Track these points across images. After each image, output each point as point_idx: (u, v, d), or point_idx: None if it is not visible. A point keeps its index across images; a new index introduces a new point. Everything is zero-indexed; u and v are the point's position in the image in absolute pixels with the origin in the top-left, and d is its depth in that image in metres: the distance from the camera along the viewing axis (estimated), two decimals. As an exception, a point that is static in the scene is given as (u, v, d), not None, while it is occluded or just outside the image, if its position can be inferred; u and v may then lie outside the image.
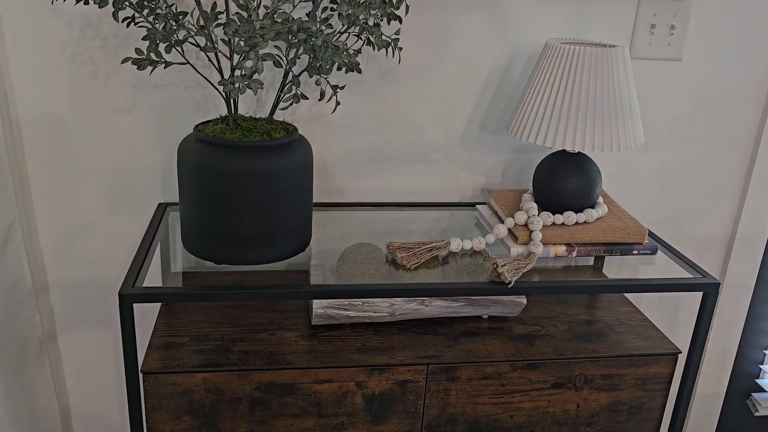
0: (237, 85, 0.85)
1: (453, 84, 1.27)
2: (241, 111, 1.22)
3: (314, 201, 1.29)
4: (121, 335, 0.93)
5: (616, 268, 1.38)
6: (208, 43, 0.87)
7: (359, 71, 1.06)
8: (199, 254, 1.02)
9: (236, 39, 0.83)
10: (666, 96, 1.34)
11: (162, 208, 1.22)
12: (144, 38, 0.87)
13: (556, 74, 1.06)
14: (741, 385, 1.65)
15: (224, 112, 1.21)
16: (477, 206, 1.27)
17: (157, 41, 0.87)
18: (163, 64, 0.91)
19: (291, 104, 0.96)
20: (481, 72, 1.27)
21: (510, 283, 0.99)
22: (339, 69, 1.04)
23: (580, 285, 1.05)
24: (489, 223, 1.21)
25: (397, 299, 1.09)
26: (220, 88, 0.86)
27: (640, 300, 1.43)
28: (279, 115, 1.23)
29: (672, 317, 1.53)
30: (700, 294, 1.26)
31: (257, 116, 1.12)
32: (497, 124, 1.31)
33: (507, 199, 1.22)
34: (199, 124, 1.03)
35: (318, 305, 1.09)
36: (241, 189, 0.96)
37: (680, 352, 1.12)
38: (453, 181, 1.34)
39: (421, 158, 1.31)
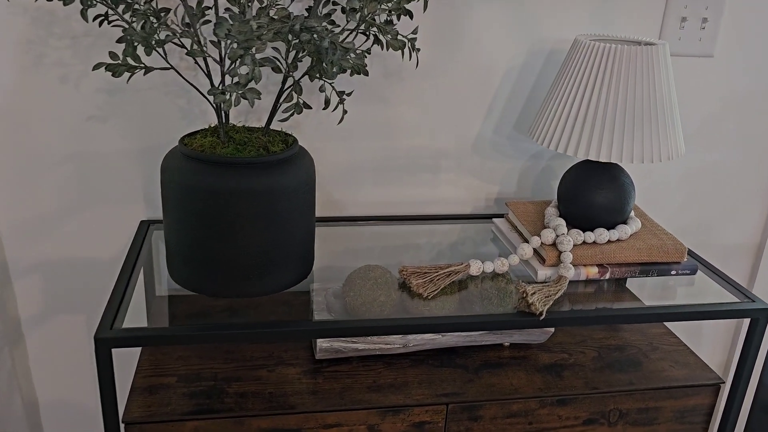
0: (230, 95, 0.72)
1: (465, 84, 1.15)
2: (232, 119, 1.09)
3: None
4: (98, 384, 0.80)
5: (637, 286, 1.27)
6: (195, 46, 0.74)
7: (366, 74, 0.93)
8: (187, 285, 0.90)
9: (228, 41, 0.70)
10: (695, 95, 1.23)
11: (144, 227, 1.09)
12: (119, 40, 0.74)
13: (588, 75, 0.95)
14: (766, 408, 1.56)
15: (212, 118, 1.08)
16: (494, 219, 1.16)
17: (135, 44, 0.74)
18: (143, 70, 0.78)
19: (292, 114, 0.83)
20: (496, 71, 1.15)
21: (542, 314, 0.88)
22: (343, 72, 0.92)
23: (619, 315, 0.94)
24: (508, 239, 1.09)
25: (417, 317, 0.97)
26: (210, 98, 0.73)
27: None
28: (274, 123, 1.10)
29: (696, 332, 1.43)
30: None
31: (251, 125, 1.00)
32: (513, 128, 1.19)
33: (528, 212, 1.10)
34: (185, 136, 0.90)
35: (323, 338, 0.97)
36: (235, 212, 0.83)
37: (723, 382, 1.02)
38: (465, 190, 1.22)
39: (431, 166, 1.19)
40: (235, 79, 0.71)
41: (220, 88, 0.73)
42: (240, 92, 0.73)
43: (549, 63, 1.16)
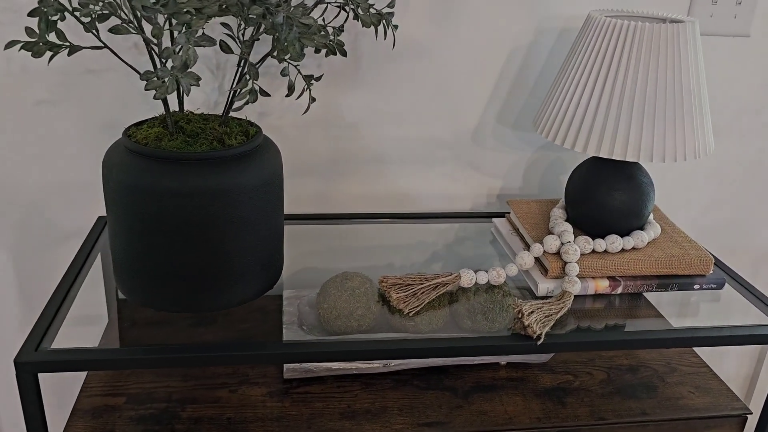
0: (164, 80, 0.60)
1: (464, 66, 1.01)
2: (192, 104, 0.96)
3: (291, 212, 1.05)
4: (23, 413, 0.70)
5: (653, 299, 1.13)
6: (124, 23, 0.62)
7: (344, 54, 0.81)
8: (134, 297, 0.79)
9: (158, 15, 0.57)
10: (728, 81, 1.09)
11: (101, 225, 0.98)
12: (31, 13, 0.62)
13: (602, 58, 0.81)
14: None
15: (192, 100, 0.96)
16: (493, 220, 1.03)
17: (51, 17, 0.62)
18: (66, 49, 0.66)
19: (246, 103, 0.71)
20: (499, 51, 1.01)
21: (540, 338, 0.75)
22: (317, 52, 0.79)
23: (630, 339, 0.81)
24: (508, 243, 0.96)
25: (397, 338, 0.85)
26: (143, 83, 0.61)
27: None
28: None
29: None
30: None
31: (214, 112, 0.88)
32: (518, 116, 1.06)
33: (531, 213, 0.97)
34: (131, 126, 0.79)
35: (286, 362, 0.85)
36: (182, 216, 0.71)
37: (750, 413, 0.89)
38: (463, 185, 1.09)
39: (424, 158, 1.06)
40: (167, 62, 0.59)
41: (153, 73, 0.61)
42: (179, 76, 0.61)
43: (560, 42, 1.02)
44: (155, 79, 0.60)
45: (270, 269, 0.81)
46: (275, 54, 0.70)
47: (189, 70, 0.60)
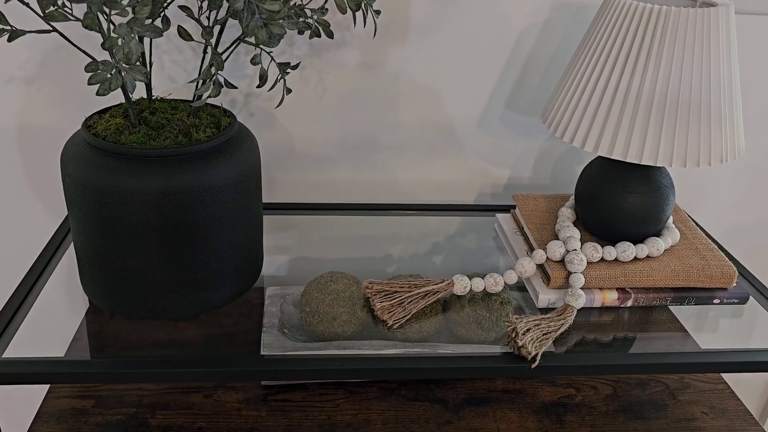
0: (109, 74, 0.53)
1: (471, 46, 0.92)
2: (173, 83, 0.89)
3: (274, 201, 0.98)
4: (-27, 425, 0.66)
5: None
6: (59, 9, 0.54)
7: (330, 35, 0.72)
8: (97, 301, 0.73)
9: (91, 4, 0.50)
10: (763, 66, 0.97)
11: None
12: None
13: (621, 45, 0.71)
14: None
15: (164, 85, 0.89)
16: (497, 215, 0.95)
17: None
18: (7, 34, 0.59)
19: (209, 96, 0.63)
20: (510, 30, 0.91)
21: (534, 360, 0.68)
22: (301, 33, 0.71)
23: (636, 364, 0.72)
24: (510, 244, 0.89)
25: (380, 349, 0.79)
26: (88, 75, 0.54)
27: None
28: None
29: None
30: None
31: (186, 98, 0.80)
32: (530, 101, 0.96)
33: (538, 211, 0.89)
34: (93, 114, 0.72)
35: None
36: (144, 219, 0.65)
37: (769, 440, 0.81)
38: (467, 174, 1.01)
39: (425, 145, 0.98)
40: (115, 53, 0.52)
41: (99, 65, 0.54)
42: (126, 69, 0.53)
43: (578, 20, 0.92)
44: (99, 71, 0.53)
45: (245, 272, 0.75)
46: (245, 38, 0.62)
47: (135, 63, 0.52)
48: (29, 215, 0.97)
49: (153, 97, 0.72)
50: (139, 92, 0.74)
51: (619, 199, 0.78)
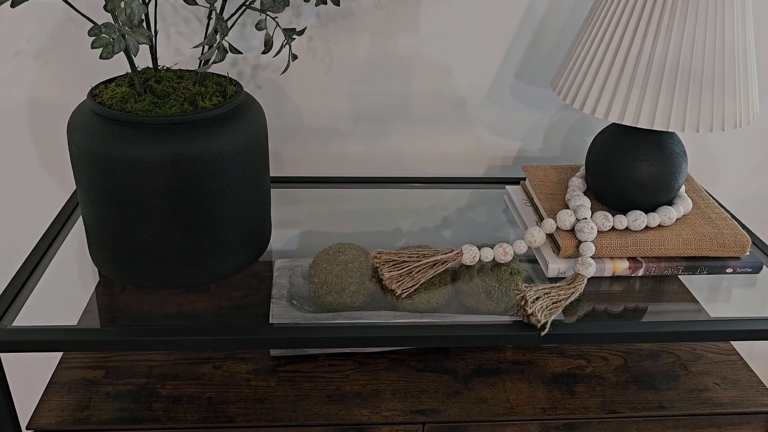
0: (111, 37, 0.52)
1: (479, 13, 0.90)
2: (180, 56, 0.89)
3: (283, 175, 0.98)
4: (-14, 393, 0.66)
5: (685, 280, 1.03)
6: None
7: (336, 3, 0.71)
8: (106, 271, 0.74)
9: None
10: (783, 32, 0.95)
11: (86, 185, 0.92)
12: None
13: (632, 10, 0.70)
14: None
15: (170, 56, 0.88)
16: (506, 187, 0.94)
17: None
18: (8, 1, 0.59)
19: (213, 62, 0.63)
20: (520, 0, 0.90)
21: (544, 328, 0.68)
22: (307, 1, 0.70)
23: (648, 332, 0.72)
24: (520, 215, 0.88)
25: (389, 320, 0.78)
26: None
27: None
28: (233, 58, 0.90)
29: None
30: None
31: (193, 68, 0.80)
32: (540, 71, 0.95)
33: (548, 181, 0.88)
34: (99, 84, 0.72)
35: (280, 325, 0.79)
36: (150, 187, 0.65)
37: (782, 410, 0.80)
38: (476, 146, 1.00)
39: (433, 116, 0.97)
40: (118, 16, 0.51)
41: (100, 28, 0.53)
42: (128, 33, 0.53)
43: (590, -12, 0.90)
44: (101, 34, 0.53)
45: (253, 241, 0.75)
46: (250, 4, 0.61)
47: (139, 26, 0.52)
48: (38, 189, 0.97)
49: (159, 67, 0.72)
50: (145, 62, 0.73)
51: (630, 167, 0.77)
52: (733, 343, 0.90)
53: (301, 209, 0.95)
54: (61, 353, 0.82)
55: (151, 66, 0.72)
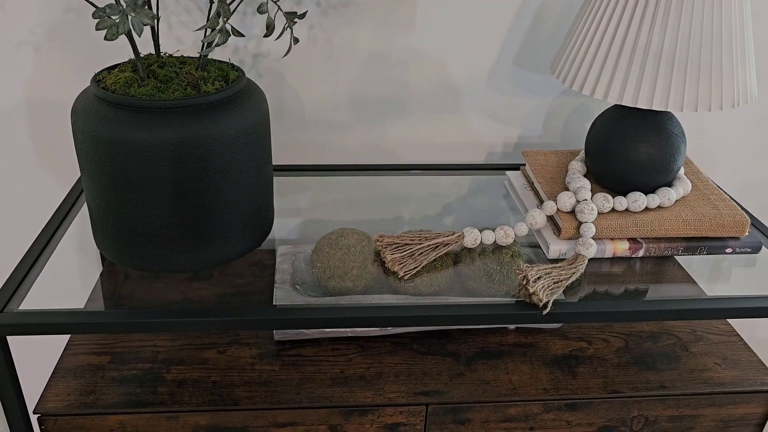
0: (116, 18, 0.53)
1: (478, 2, 0.91)
2: (181, 44, 0.89)
3: (284, 163, 0.98)
4: (-6, 376, 0.67)
5: (685, 260, 1.03)
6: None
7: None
8: (111, 256, 0.74)
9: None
10: (780, 16, 0.96)
11: (89, 174, 0.93)
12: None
13: (629, -9, 0.71)
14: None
15: (172, 44, 0.89)
16: (507, 172, 0.94)
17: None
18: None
19: (216, 45, 0.63)
20: (518, -16, 0.91)
21: (546, 307, 0.68)
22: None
23: (656, 310, 0.73)
24: (521, 199, 0.89)
25: (390, 304, 0.79)
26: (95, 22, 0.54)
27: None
28: (233, 47, 0.90)
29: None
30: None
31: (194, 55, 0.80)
32: (538, 58, 0.96)
33: (549, 165, 0.89)
34: (102, 70, 0.72)
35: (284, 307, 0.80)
36: (153, 170, 0.66)
37: (783, 389, 0.81)
38: (477, 134, 1.01)
39: (434, 103, 0.98)
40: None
41: (102, 9, 0.54)
42: (132, 14, 0.54)
43: (587, -27, 0.91)
44: (105, 16, 0.53)
45: (256, 226, 0.76)
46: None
47: (143, 7, 0.53)
48: (39, 182, 0.98)
49: (161, 54, 0.73)
50: (147, 49, 0.74)
51: (629, 149, 0.78)
52: (734, 325, 0.90)
53: (302, 198, 0.96)
54: (66, 341, 0.83)
55: (153, 53, 0.73)
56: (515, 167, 0.96)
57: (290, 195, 0.95)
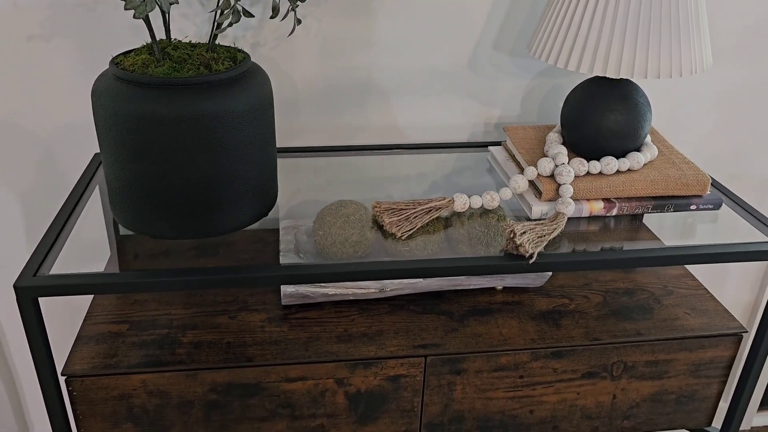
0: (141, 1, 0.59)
1: (459, -9, 0.99)
2: (182, 34, 0.96)
3: (284, 145, 1.05)
4: (27, 338, 0.72)
5: (652, 222, 1.13)
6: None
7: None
8: (129, 225, 0.80)
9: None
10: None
11: (98, 160, 0.99)
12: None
13: (596, -27, 0.79)
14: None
15: (178, 33, 0.95)
16: (490, 148, 1.02)
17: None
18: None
19: (230, 24, 0.70)
20: (495, -26, 0.99)
21: (532, 257, 0.76)
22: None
23: (623, 258, 0.81)
24: (504, 170, 0.96)
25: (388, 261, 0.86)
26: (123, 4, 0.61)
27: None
28: (232, 38, 0.97)
29: (720, 274, 1.30)
30: None
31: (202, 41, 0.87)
32: (515, 43, 1.04)
33: (528, 139, 0.97)
34: (118, 55, 0.78)
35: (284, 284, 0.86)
36: (171, 142, 0.72)
37: (746, 332, 0.89)
38: (460, 114, 1.08)
39: (419, 87, 1.05)
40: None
41: (131, -9, 0.60)
42: (156, -4, 0.60)
43: (557, -37, 0.99)
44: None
45: (263, 196, 0.82)
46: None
47: (167, -13, 0.59)
48: (41, 177, 1.03)
49: (171, 39, 0.79)
50: (158, 35, 0.80)
51: (600, 117, 0.86)
52: (704, 283, 0.98)
53: (299, 179, 1.02)
54: (84, 313, 0.88)
55: (164, 38, 0.79)
56: (497, 143, 1.04)
57: (286, 176, 1.01)
